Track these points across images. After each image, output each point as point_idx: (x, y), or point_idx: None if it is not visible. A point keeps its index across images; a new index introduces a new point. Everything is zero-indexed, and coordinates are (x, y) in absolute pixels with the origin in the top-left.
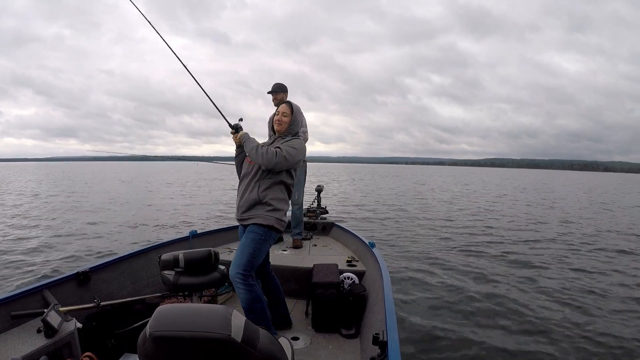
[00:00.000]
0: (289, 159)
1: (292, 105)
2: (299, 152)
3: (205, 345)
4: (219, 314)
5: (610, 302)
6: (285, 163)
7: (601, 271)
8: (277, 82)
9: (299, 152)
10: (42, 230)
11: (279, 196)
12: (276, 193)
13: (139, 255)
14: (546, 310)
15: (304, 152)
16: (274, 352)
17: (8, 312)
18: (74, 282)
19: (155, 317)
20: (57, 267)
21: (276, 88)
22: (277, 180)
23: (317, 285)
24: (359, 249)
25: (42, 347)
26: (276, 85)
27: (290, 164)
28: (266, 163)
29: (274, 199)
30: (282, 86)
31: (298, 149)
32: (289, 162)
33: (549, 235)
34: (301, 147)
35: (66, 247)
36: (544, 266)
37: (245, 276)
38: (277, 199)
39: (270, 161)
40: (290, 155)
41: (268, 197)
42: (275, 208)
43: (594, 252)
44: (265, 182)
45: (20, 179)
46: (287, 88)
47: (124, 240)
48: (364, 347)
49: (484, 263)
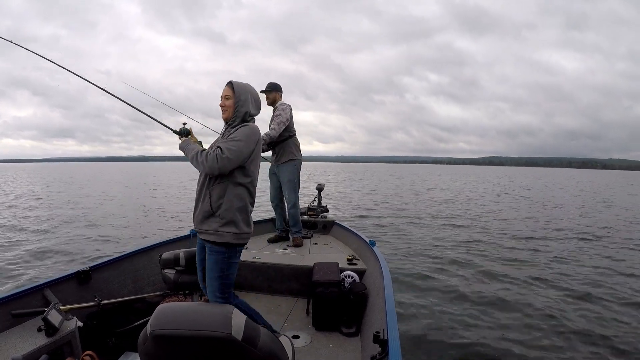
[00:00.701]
0: (233, 157)
1: (233, 83)
2: (245, 143)
3: (205, 344)
4: (220, 312)
5: (617, 302)
6: (230, 163)
7: (605, 269)
8: (270, 82)
9: (245, 144)
10: (41, 230)
11: (235, 204)
12: (231, 201)
13: (139, 254)
14: (549, 309)
15: (252, 139)
16: (274, 351)
17: (9, 311)
18: (74, 281)
19: (155, 315)
20: (57, 266)
21: (269, 87)
22: (230, 184)
23: (318, 283)
24: (359, 247)
25: (42, 346)
26: (269, 85)
27: (236, 162)
28: (209, 171)
29: (229, 210)
30: (275, 85)
31: (242, 139)
32: (233, 161)
33: (552, 234)
34: (246, 135)
35: (66, 247)
36: (547, 265)
37: (225, 299)
38: (232, 209)
39: (213, 168)
40: (233, 152)
41: (222, 208)
42: (229, 221)
43: (599, 250)
44: (217, 188)
45: (22, 180)
46: (280, 87)
47: (125, 239)
48: (365, 346)
49: (485, 261)
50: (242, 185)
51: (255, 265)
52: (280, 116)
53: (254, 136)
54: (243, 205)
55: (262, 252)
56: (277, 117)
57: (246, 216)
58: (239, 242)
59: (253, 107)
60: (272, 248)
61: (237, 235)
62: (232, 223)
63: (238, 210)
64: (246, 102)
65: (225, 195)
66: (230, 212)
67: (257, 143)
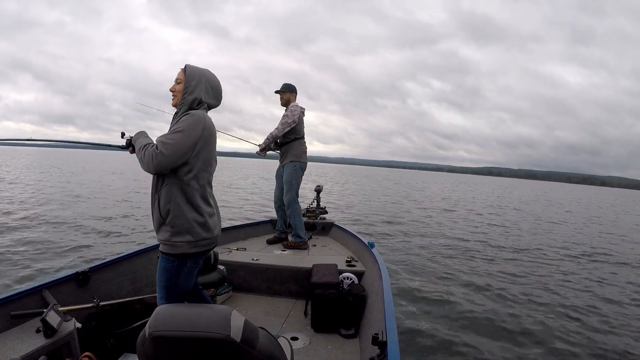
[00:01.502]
0: (169, 153)
1: (186, 67)
2: (186, 134)
3: (204, 345)
4: (218, 314)
5: (619, 314)
6: (167, 160)
7: (605, 282)
8: (285, 82)
9: (184, 135)
10: (42, 230)
11: (184, 209)
12: (180, 206)
13: (138, 255)
14: (547, 316)
15: (195, 129)
16: (273, 352)
17: (7, 312)
18: (73, 282)
19: (154, 317)
20: (56, 267)
21: (283, 88)
22: (175, 185)
23: (317, 285)
24: (358, 249)
25: (41, 347)
26: (284, 86)
27: (173, 158)
28: (146, 170)
29: (178, 216)
30: (290, 86)
31: (183, 130)
32: (170, 157)
33: (553, 244)
34: (188, 126)
35: (66, 247)
36: (545, 273)
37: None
38: (182, 214)
39: (149, 166)
40: (169, 146)
41: (171, 214)
42: (181, 230)
43: (596, 263)
44: (164, 192)
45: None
46: (295, 89)
47: (124, 240)
48: (363, 347)
49: (485, 265)
50: (190, 186)
51: (254, 267)
52: (287, 117)
53: (197, 125)
54: (196, 208)
55: (260, 254)
56: (284, 117)
57: (203, 219)
58: (197, 251)
59: (207, 94)
60: (271, 249)
61: (194, 243)
62: (184, 232)
63: (190, 217)
64: (196, 88)
65: (172, 199)
66: (180, 220)
67: (204, 132)
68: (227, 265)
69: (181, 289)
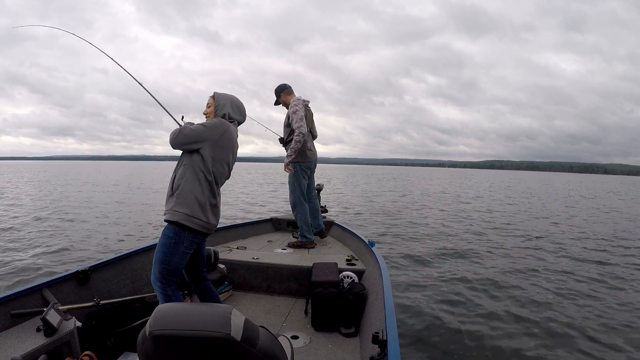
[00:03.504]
0: (188, 133)
1: (214, 94)
2: (207, 129)
3: (204, 344)
4: (219, 312)
5: (622, 308)
6: (184, 139)
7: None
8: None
9: (206, 129)
10: (42, 230)
11: (191, 188)
12: (189, 184)
13: (138, 254)
14: (549, 311)
15: (215, 129)
16: (273, 351)
17: (8, 311)
18: (73, 281)
19: (154, 315)
20: (56, 266)
21: (275, 93)
22: (190, 168)
23: (317, 284)
24: (358, 247)
25: (41, 346)
26: (275, 91)
27: (189, 140)
28: (170, 142)
29: (184, 191)
30: (279, 88)
31: (206, 125)
32: (188, 137)
33: (555, 237)
34: (211, 124)
35: (66, 247)
36: (547, 267)
37: (162, 284)
38: (187, 191)
39: (171, 140)
40: (191, 130)
41: (179, 188)
42: (183, 202)
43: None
44: (180, 170)
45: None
46: (283, 87)
47: (124, 239)
48: (364, 346)
49: (485, 263)
50: (201, 171)
51: (254, 266)
52: (296, 113)
53: (218, 127)
54: (199, 192)
55: (260, 253)
56: (293, 114)
57: (203, 202)
58: (188, 226)
59: (233, 112)
60: (271, 248)
61: (188, 217)
62: (185, 205)
63: (193, 194)
64: (224, 106)
65: (184, 177)
66: (185, 194)
67: (222, 136)
68: (228, 264)
69: (174, 267)
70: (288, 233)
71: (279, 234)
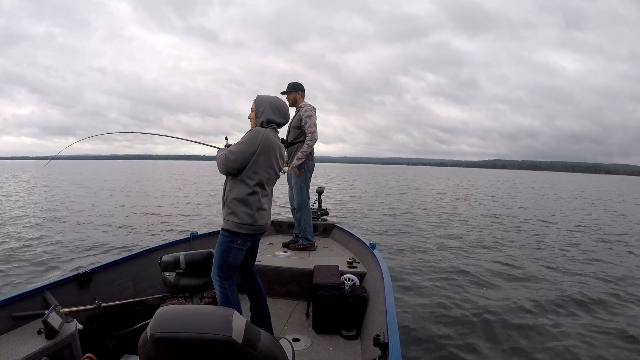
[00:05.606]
0: (234, 158)
1: (256, 97)
2: (246, 144)
3: (206, 347)
4: (220, 315)
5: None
6: (233, 164)
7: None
8: (291, 82)
9: (246, 145)
10: (42, 231)
11: (236, 197)
12: (235, 194)
13: (139, 257)
14: (552, 316)
15: (254, 141)
16: (274, 353)
17: (9, 314)
18: (74, 284)
19: (156, 318)
20: (58, 269)
21: (288, 88)
22: (235, 179)
23: (318, 286)
24: (359, 250)
25: (43, 349)
26: (289, 86)
27: (238, 162)
28: (220, 170)
29: (232, 202)
30: (295, 85)
31: (244, 141)
32: (235, 161)
33: (559, 240)
34: (248, 138)
35: (66, 249)
36: (550, 271)
37: (220, 277)
38: (233, 201)
39: (221, 168)
40: (234, 153)
41: (228, 199)
42: (232, 211)
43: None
44: (229, 183)
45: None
46: (301, 87)
47: (125, 242)
48: (365, 349)
49: (487, 266)
50: (244, 182)
51: (255, 268)
52: (310, 118)
53: (255, 138)
54: (243, 199)
55: (262, 255)
56: (307, 119)
57: (247, 209)
58: (239, 231)
59: (274, 115)
60: (272, 251)
61: (237, 224)
62: (233, 213)
63: (239, 202)
64: (263, 112)
65: (232, 189)
66: (232, 204)
67: (261, 144)
68: None
69: (231, 262)
70: (289, 236)
71: (280, 236)
